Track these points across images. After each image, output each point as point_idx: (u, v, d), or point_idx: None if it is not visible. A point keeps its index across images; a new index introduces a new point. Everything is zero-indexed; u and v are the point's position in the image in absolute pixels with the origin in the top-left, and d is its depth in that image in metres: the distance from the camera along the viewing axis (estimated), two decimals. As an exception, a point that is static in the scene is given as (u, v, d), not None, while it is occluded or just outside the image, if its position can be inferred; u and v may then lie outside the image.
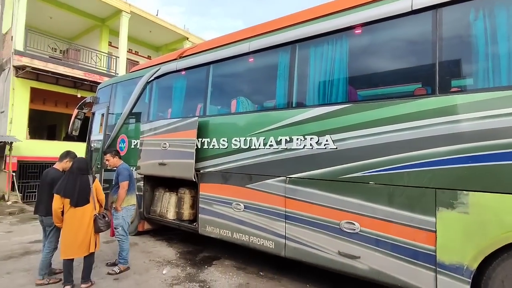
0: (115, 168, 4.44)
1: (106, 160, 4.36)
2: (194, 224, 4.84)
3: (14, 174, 10.16)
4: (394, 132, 2.98)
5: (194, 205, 5.08)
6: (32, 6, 11.36)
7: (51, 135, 16.38)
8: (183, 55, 5.36)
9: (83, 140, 10.70)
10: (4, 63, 11.15)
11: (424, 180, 2.79)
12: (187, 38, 16.13)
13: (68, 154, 4.08)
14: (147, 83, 5.70)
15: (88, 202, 3.57)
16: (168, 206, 5.31)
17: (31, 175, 10.99)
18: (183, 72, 5.25)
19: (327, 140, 3.38)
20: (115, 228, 4.13)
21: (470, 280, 2.55)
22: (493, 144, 2.48)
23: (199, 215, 4.65)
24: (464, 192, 2.59)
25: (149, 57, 17.20)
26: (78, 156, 4.05)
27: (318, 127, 3.48)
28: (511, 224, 2.40)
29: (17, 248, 5.09)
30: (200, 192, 4.64)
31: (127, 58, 14.27)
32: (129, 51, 15.35)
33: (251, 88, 4.64)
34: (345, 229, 3.21)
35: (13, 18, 10.72)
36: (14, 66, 10.33)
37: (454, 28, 2.89)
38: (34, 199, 10.74)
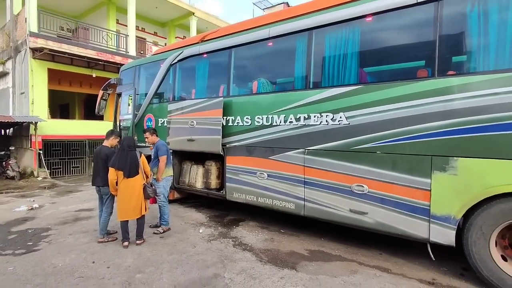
0: (149, 145, 5.11)
1: (146, 137, 4.98)
2: (221, 191, 5.54)
3: (41, 152, 10.88)
4: (398, 110, 3.53)
5: (220, 175, 5.77)
6: (40, -15, 11.47)
7: (64, 114, 16.97)
8: (205, 39, 5.79)
9: (99, 119, 11.37)
10: (19, 44, 11.48)
11: (422, 149, 3.39)
12: (193, 13, 16.12)
13: (113, 133, 4.74)
14: (171, 65, 6.17)
15: (138, 173, 4.25)
16: (196, 177, 6.00)
17: (55, 153, 11.70)
18: (205, 55, 5.71)
19: (340, 117, 3.95)
20: (157, 196, 4.82)
21: (455, 227, 3.24)
22: (477, 119, 3.06)
23: (226, 184, 5.34)
24: (454, 158, 3.20)
25: (155, 34, 17.30)
26: (117, 133, 4.77)
27: (333, 105, 4.03)
28: (489, 183, 3.03)
29: (67, 216, 5.88)
30: (226, 164, 5.29)
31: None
32: (136, 28, 15.45)
33: (271, 70, 5.10)
34: (355, 191, 3.88)
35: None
36: (30, 48, 10.68)
37: (453, 21, 3.34)
38: (60, 174, 11.63)
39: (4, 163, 10.73)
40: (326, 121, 4.08)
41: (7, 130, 12.51)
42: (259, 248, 4.24)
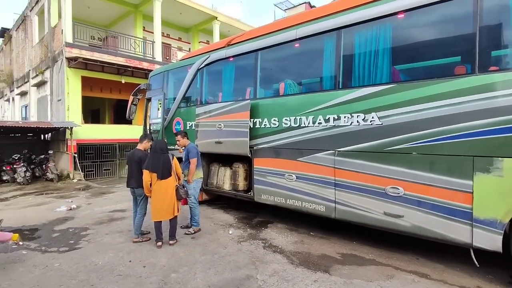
0: (179, 148, 5.27)
1: (177, 140, 5.11)
2: (249, 193, 5.58)
3: (75, 155, 11.48)
4: (436, 108, 3.39)
5: (247, 177, 5.81)
6: (74, -2, 12.14)
7: (95, 119, 17.79)
8: (231, 43, 5.87)
9: (128, 123, 11.83)
10: (56, 55, 12.20)
11: (463, 149, 3.22)
12: (216, 18, 16.39)
13: (146, 136, 4.92)
14: (198, 70, 6.31)
15: (170, 175, 4.37)
16: (224, 179, 6.08)
17: (88, 156, 12.31)
18: (231, 59, 5.78)
19: (373, 117, 3.86)
20: (188, 197, 4.93)
21: (502, 232, 3.05)
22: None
23: (254, 185, 5.36)
24: (499, 158, 3.01)
25: (179, 39, 17.74)
26: (150, 137, 4.97)
27: (364, 105, 3.94)
28: (541, 184, 2.83)
29: (102, 216, 6.16)
30: (254, 166, 5.32)
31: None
32: (161, 34, 15.92)
33: (298, 71, 5.08)
34: (390, 193, 3.76)
35: (61, 12, 11.59)
36: (66, 58, 11.33)
37: (495, 13, 3.16)
38: (93, 177, 12.19)
39: (44, 166, 11.43)
40: (357, 121, 3.99)
41: (46, 135, 13.32)
42: (290, 251, 4.22)
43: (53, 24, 12.52)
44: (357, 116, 3.99)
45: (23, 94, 16.67)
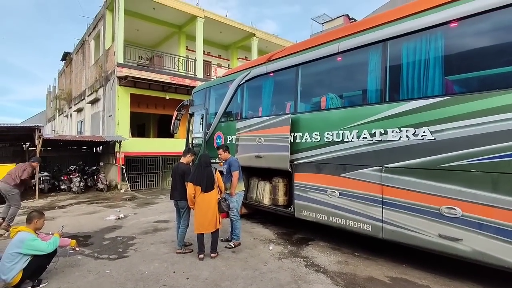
0: (219, 161, 5.39)
1: (219, 154, 5.24)
2: (289, 209, 5.48)
3: (123, 167, 12.26)
4: (500, 122, 3.10)
5: (287, 192, 5.74)
6: (125, 22, 13.26)
7: (141, 133, 18.95)
8: (272, 59, 5.97)
9: (171, 137, 12.41)
10: (109, 74, 13.37)
11: (534, 167, 2.89)
12: (254, 34, 16.88)
13: (189, 151, 5.11)
14: (239, 85, 6.48)
15: (213, 188, 4.47)
16: (263, 193, 6.07)
17: (134, 168, 13.09)
18: (272, 74, 5.87)
19: (424, 132, 3.63)
20: (230, 210, 4.98)
21: None
22: None
23: (295, 201, 5.27)
24: None
25: (219, 56, 18.50)
26: (193, 151, 5.19)
27: (414, 119, 3.73)
28: None
29: (148, 226, 6.44)
30: (295, 181, 5.25)
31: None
32: (202, 52, 16.76)
33: (341, 85, 4.99)
34: (445, 214, 3.46)
35: (114, 36, 12.73)
36: (117, 77, 12.35)
37: None
38: (138, 187, 12.87)
39: (95, 176, 12.35)
40: (407, 136, 3.78)
41: (98, 148, 14.46)
42: (333, 271, 4.04)
43: (107, 46, 13.78)
44: (407, 130, 3.79)
45: (79, 110, 18.38)
